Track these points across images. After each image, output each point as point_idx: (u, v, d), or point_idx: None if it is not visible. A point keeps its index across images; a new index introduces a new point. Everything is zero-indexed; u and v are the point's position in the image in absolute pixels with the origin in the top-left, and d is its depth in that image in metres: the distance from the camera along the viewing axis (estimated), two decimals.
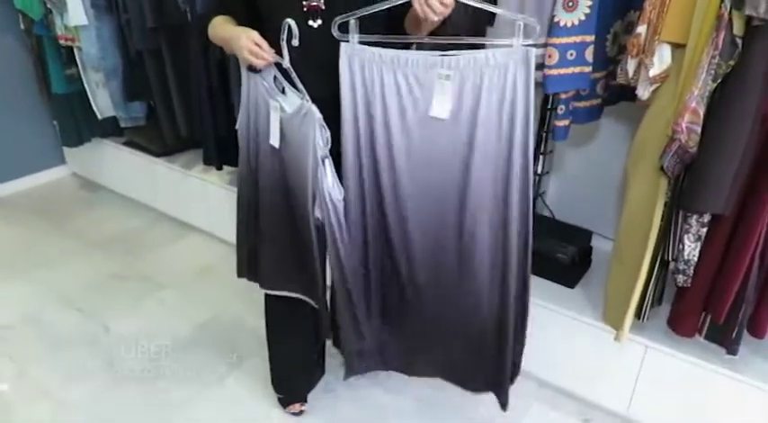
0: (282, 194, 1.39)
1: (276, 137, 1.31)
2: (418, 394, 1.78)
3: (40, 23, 2.51)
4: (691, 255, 1.36)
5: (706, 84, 1.18)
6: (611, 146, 1.89)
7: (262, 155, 1.40)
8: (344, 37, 1.18)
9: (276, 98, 1.30)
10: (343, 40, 1.18)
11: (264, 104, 1.33)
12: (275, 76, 1.30)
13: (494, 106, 1.16)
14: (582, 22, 1.36)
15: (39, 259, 2.48)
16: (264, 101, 1.32)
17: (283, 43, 1.17)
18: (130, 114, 2.61)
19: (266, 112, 1.32)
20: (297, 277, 1.47)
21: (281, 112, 1.28)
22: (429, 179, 1.25)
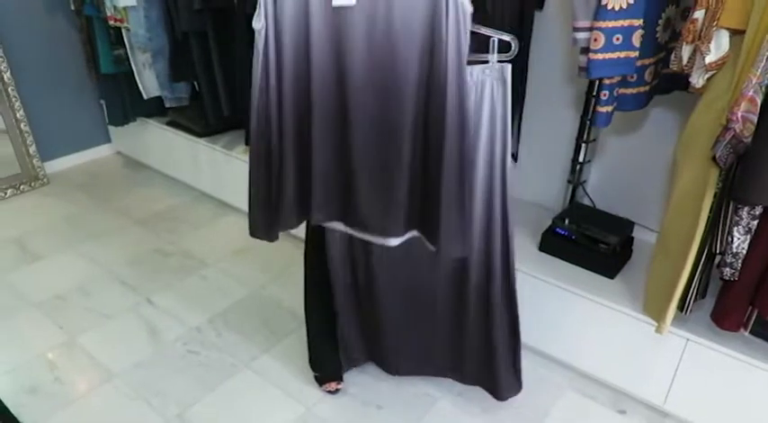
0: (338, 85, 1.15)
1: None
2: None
3: (89, 4, 2.57)
4: (740, 248, 1.33)
5: (765, 72, 1.14)
6: (657, 135, 1.85)
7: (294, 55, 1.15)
8: None
9: None
10: None
11: None
12: None
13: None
14: (630, 5, 1.32)
15: (86, 234, 2.57)
16: None
17: None
18: (175, 94, 2.66)
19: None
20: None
21: None
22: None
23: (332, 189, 1.23)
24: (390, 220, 1.22)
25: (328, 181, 1.22)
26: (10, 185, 2.89)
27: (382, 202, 1.21)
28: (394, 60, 1.09)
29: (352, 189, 1.21)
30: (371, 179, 1.19)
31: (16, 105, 2.81)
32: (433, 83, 1.09)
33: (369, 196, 1.21)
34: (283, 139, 1.20)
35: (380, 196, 1.21)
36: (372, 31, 1.07)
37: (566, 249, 1.83)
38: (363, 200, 1.21)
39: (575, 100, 1.97)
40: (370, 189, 1.20)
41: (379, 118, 1.13)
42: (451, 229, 1.19)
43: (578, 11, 1.37)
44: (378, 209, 1.22)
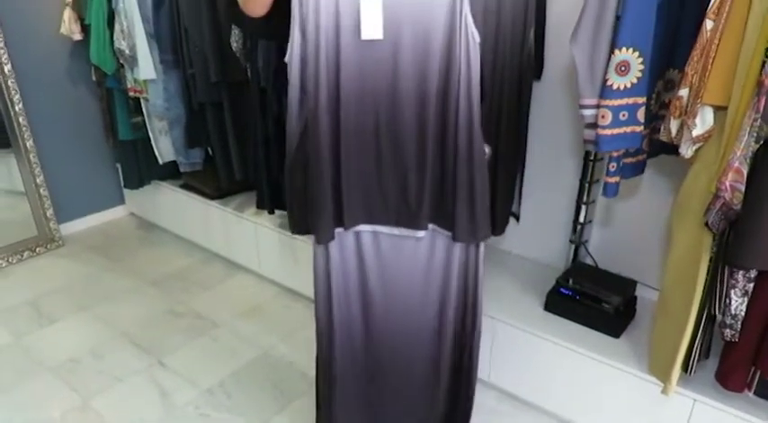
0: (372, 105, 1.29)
1: (377, 26, 1.20)
2: None
3: (111, 77, 2.72)
4: (738, 309, 1.38)
5: (749, 145, 1.22)
6: (654, 195, 1.93)
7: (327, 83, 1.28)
8: None
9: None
10: None
11: (338, 8, 1.20)
12: None
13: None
14: (634, 85, 1.41)
15: (100, 295, 2.63)
16: (343, 4, 1.20)
17: None
18: (190, 160, 2.77)
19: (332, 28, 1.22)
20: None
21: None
22: None
23: (366, 194, 1.38)
24: (420, 213, 1.38)
25: (362, 187, 1.37)
26: (26, 248, 2.97)
27: (411, 199, 1.37)
28: (419, 79, 1.26)
29: (385, 191, 1.37)
30: (402, 179, 1.35)
31: (36, 171, 2.93)
32: (449, 93, 1.26)
33: (400, 195, 1.37)
34: (320, 155, 1.31)
35: (409, 193, 1.36)
36: (398, 57, 1.24)
37: (570, 309, 1.87)
38: (394, 199, 1.38)
39: (573, 163, 2.06)
40: (400, 188, 1.36)
41: (409, 127, 1.30)
42: (464, 217, 1.35)
43: (584, 89, 1.46)
44: (407, 204, 1.38)
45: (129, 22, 2.48)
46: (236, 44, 2.21)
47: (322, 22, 1.21)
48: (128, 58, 2.55)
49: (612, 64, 1.37)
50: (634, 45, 1.36)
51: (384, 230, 1.43)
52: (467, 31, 1.22)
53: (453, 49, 1.22)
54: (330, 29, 1.22)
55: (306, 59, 1.25)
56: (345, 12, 1.20)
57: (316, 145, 1.30)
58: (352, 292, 1.51)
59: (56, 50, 2.93)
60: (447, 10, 1.20)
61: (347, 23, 1.21)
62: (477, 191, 1.33)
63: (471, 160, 1.30)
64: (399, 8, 1.20)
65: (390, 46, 1.23)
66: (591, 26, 1.39)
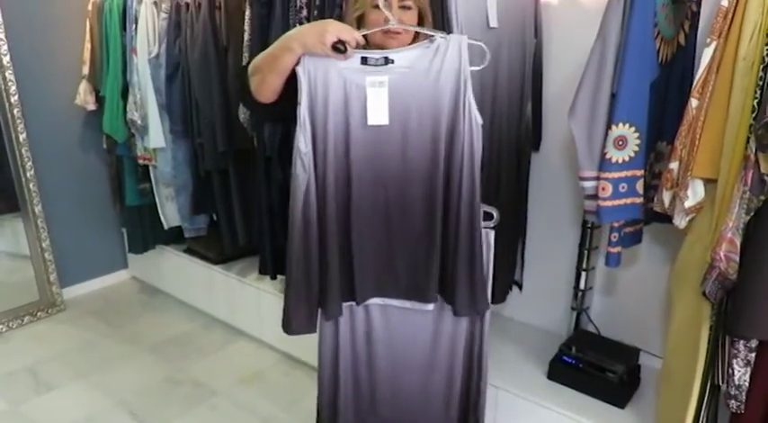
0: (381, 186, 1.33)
1: (382, 113, 1.26)
2: None
3: (122, 145, 2.82)
4: (741, 380, 1.37)
5: (740, 217, 1.26)
6: (653, 263, 1.95)
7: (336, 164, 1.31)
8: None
9: (369, 75, 1.24)
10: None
11: (346, 96, 1.26)
12: (363, 58, 1.25)
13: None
14: (632, 158, 1.47)
15: (99, 362, 2.60)
16: (350, 88, 1.25)
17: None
18: (194, 225, 2.82)
19: (341, 110, 1.27)
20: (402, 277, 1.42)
21: (388, 77, 1.25)
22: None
23: (377, 269, 1.39)
24: (429, 285, 1.39)
25: (373, 263, 1.38)
26: (27, 312, 2.97)
27: (420, 273, 1.38)
28: (425, 160, 1.30)
29: (395, 266, 1.39)
30: (411, 254, 1.37)
31: (43, 235, 2.97)
32: (452, 173, 1.31)
33: (409, 269, 1.39)
34: (327, 235, 1.33)
35: (419, 268, 1.38)
36: (406, 139, 1.29)
37: (574, 378, 1.85)
38: (404, 273, 1.39)
39: (573, 230, 2.10)
40: (410, 263, 1.38)
41: (417, 205, 1.34)
42: (464, 291, 1.37)
43: (583, 162, 1.52)
44: (416, 278, 1.39)
45: (143, 94, 2.60)
46: (243, 115, 2.31)
47: (330, 107, 1.26)
48: (139, 128, 2.65)
49: (610, 138, 1.43)
50: (630, 120, 1.43)
51: (394, 303, 1.45)
52: (470, 116, 1.27)
53: (457, 132, 1.28)
54: (339, 114, 1.27)
55: (316, 144, 1.29)
56: (353, 97, 1.26)
57: (327, 225, 1.32)
58: (360, 361, 1.51)
59: (69, 120, 3.04)
60: (451, 96, 1.26)
61: (355, 108, 1.27)
62: (477, 266, 1.36)
63: (472, 237, 1.33)
64: (406, 94, 1.26)
65: (399, 129, 1.28)
66: (588, 102, 1.46)
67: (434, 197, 1.32)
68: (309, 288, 1.37)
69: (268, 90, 1.29)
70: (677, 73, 1.62)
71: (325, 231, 1.33)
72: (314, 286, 1.37)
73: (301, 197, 1.30)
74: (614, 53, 1.42)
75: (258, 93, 1.30)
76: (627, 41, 1.40)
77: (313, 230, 1.32)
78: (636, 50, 1.40)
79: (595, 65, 1.45)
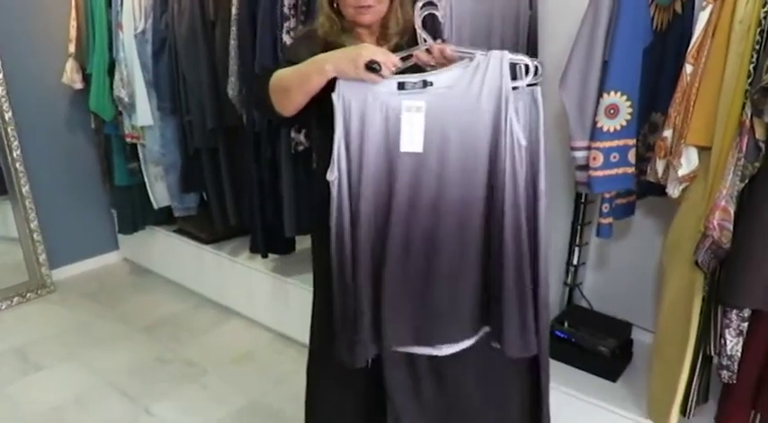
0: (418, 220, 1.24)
1: (417, 139, 1.19)
2: None
3: (110, 123, 2.77)
4: (733, 350, 1.36)
5: (734, 184, 1.24)
6: (645, 238, 1.93)
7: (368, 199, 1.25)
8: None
9: (405, 99, 1.19)
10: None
11: (386, 123, 1.20)
12: (399, 83, 1.19)
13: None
14: (623, 127, 1.45)
15: (89, 342, 2.58)
16: (389, 114, 1.20)
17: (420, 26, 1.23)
18: (184, 205, 2.78)
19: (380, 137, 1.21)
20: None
21: (426, 101, 1.18)
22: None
23: (406, 310, 1.28)
24: (462, 326, 1.29)
25: (406, 303, 1.27)
26: (17, 293, 2.94)
27: (456, 317, 1.28)
28: (465, 186, 1.22)
29: (426, 304, 1.27)
30: (449, 288, 1.26)
31: (31, 216, 2.93)
32: (495, 197, 1.22)
33: (443, 307, 1.27)
34: (359, 274, 1.25)
35: (456, 302, 1.27)
36: (443, 167, 1.21)
37: (566, 352, 1.84)
38: (437, 311, 1.27)
39: (566, 205, 2.08)
40: (447, 298, 1.27)
41: (453, 236, 1.24)
42: (513, 327, 1.25)
43: (575, 132, 1.50)
44: (452, 323, 1.28)
45: (129, 71, 2.55)
46: (232, 92, 2.26)
47: (368, 134, 1.20)
48: (126, 106, 2.60)
49: (601, 107, 1.41)
50: (622, 88, 1.40)
51: (427, 352, 1.33)
52: (512, 137, 1.19)
53: (498, 155, 1.19)
54: (378, 141, 1.21)
55: (351, 174, 1.23)
56: (391, 123, 1.19)
57: (359, 260, 1.24)
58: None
59: (56, 99, 2.99)
60: (492, 116, 1.18)
61: (393, 135, 1.20)
62: (526, 301, 1.25)
63: (519, 269, 1.23)
64: (446, 116, 1.19)
65: (436, 154, 1.20)
66: (579, 71, 1.44)
67: (473, 227, 1.23)
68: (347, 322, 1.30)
69: (292, 106, 1.27)
70: (674, 41, 1.59)
71: (357, 268, 1.25)
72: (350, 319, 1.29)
73: (334, 229, 1.24)
74: (606, 19, 1.39)
75: (280, 106, 1.28)
76: (620, 7, 1.37)
77: (347, 265, 1.25)
78: (629, 16, 1.37)
79: (587, 32, 1.42)
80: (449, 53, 1.22)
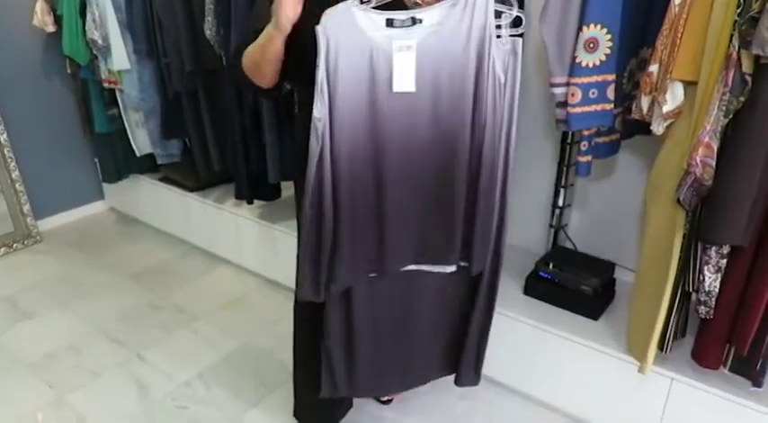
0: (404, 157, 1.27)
1: (409, 79, 1.19)
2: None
3: (85, 68, 2.68)
4: (711, 286, 1.38)
5: (718, 119, 1.22)
6: (631, 177, 1.92)
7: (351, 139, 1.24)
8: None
9: (396, 39, 1.17)
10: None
11: (372, 62, 1.18)
12: (388, 20, 1.17)
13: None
14: (603, 62, 1.41)
15: (78, 291, 2.59)
16: (377, 53, 1.17)
17: None
18: (167, 152, 2.74)
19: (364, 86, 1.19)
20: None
21: (417, 40, 1.17)
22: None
23: (407, 236, 1.36)
24: (451, 249, 1.38)
25: (405, 231, 1.35)
26: (3, 244, 2.92)
27: (446, 236, 1.37)
28: (455, 124, 1.25)
29: (424, 231, 1.36)
30: (439, 219, 1.35)
31: (11, 166, 2.88)
32: (476, 132, 1.26)
33: (435, 233, 1.36)
34: (341, 207, 1.28)
35: (444, 232, 1.36)
36: (437, 104, 1.23)
37: (550, 292, 1.86)
38: (431, 237, 1.37)
39: (552, 147, 2.05)
40: (438, 227, 1.36)
41: (443, 171, 1.29)
42: (481, 249, 1.38)
43: (554, 68, 1.46)
44: (442, 242, 1.38)
45: (102, 12, 2.44)
46: (209, 32, 2.18)
47: (353, 73, 1.18)
48: (101, 49, 2.51)
49: (581, 41, 1.36)
50: (602, 22, 1.35)
51: (423, 268, 1.43)
52: (493, 74, 1.21)
53: (480, 92, 1.21)
54: (363, 80, 1.19)
55: (333, 112, 1.20)
56: (380, 63, 1.18)
57: (340, 198, 1.26)
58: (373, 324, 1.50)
59: (29, 43, 2.88)
60: (476, 54, 1.19)
61: (382, 75, 1.19)
62: (493, 224, 1.36)
63: (490, 198, 1.31)
64: (437, 55, 1.18)
65: (429, 93, 1.21)
66: (559, 3, 1.38)
67: (461, 162, 1.27)
68: (319, 262, 1.34)
69: (268, 76, 1.28)
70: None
71: (338, 206, 1.27)
72: (324, 260, 1.33)
73: (313, 167, 1.23)
74: None
75: (260, 81, 1.30)
76: None
77: (326, 203, 1.26)
78: None
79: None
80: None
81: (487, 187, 1.30)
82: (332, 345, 1.49)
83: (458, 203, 1.32)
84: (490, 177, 1.29)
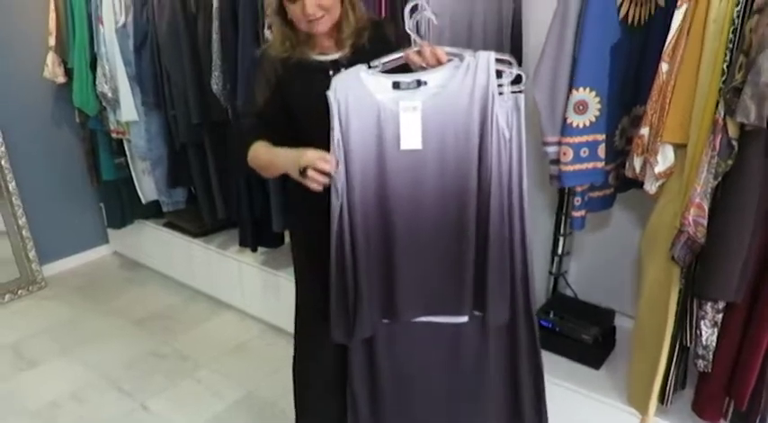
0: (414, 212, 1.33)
1: (416, 137, 1.25)
2: None
3: (94, 119, 2.76)
4: (708, 340, 1.40)
5: (708, 181, 1.27)
6: (629, 227, 1.96)
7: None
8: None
9: (402, 100, 1.24)
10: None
11: (380, 122, 1.25)
12: (395, 82, 1.25)
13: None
14: (593, 123, 1.47)
15: (83, 337, 2.61)
16: (385, 114, 1.24)
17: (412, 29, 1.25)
18: (173, 199, 2.79)
19: (374, 146, 1.27)
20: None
21: (422, 100, 1.24)
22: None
23: (417, 288, 1.39)
24: (461, 299, 1.39)
25: (414, 283, 1.38)
26: (8, 290, 2.95)
27: (454, 287, 1.38)
28: (462, 180, 1.30)
29: (432, 282, 1.39)
30: (448, 271, 1.37)
31: (18, 213, 2.93)
32: (482, 187, 1.31)
33: (444, 284, 1.39)
34: (359, 256, 1.33)
35: (452, 282, 1.38)
36: (443, 162, 1.28)
37: (551, 341, 1.88)
38: (440, 288, 1.39)
39: (549, 198, 2.10)
40: (447, 279, 1.38)
41: (449, 223, 1.33)
42: (497, 298, 1.37)
43: (546, 128, 1.52)
44: (451, 293, 1.39)
45: (112, 66, 2.53)
46: (216, 86, 2.25)
47: (363, 133, 1.25)
48: (110, 101, 2.59)
49: (571, 103, 1.43)
50: (591, 85, 1.42)
51: (434, 320, 1.44)
52: (497, 131, 1.25)
53: (485, 149, 1.26)
54: (372, 139, 1.26)
55: (349, 169, 1.27)
56: (388, 122, 1.24)
57: (358, 250, 1.32)
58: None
59: (39, 94, 2.96)
60: (480, 112, 1.24)
61: (390, 133, 1.25)
62: (506, 275, 1.36)
63: (501, 248, 1.33)
64: (442, 115, 1.24)
65: (435, 151, 1.27)
66: (550, 67, 1.45)
67: (469, 214, 1.31)
68: (346, 306, 1.38)
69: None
70: (656, 35, 1.58)
71: (356, 256, 1.32)
72: (350, 303, 1.37)
73: (336, 221, 1.30)
74: (575, 17, 1.40)
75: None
76: (586, 5, 1.38)
77: (347, 254, 1.32)
78: (595, 14, 1.37)
79: (557, 29, 1.43)
80: (440, 54, 1.25)
81: (498, 238, 1.32)
82: (357, 388, 1.50)
83: (465, 254, 1.34)
84: (500, 229, 1.32)
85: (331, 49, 1.41)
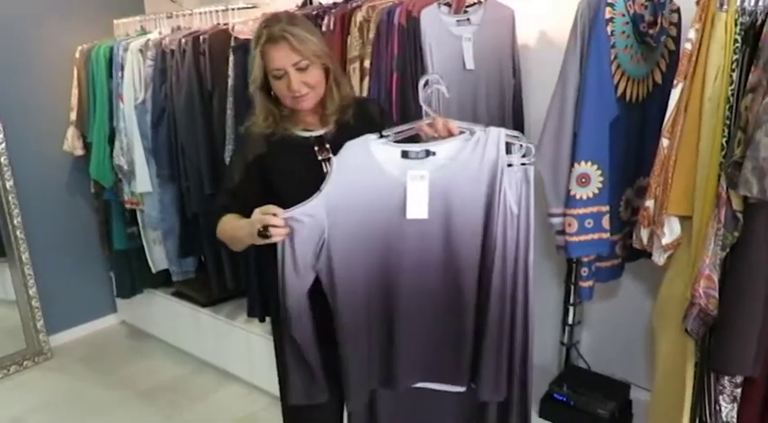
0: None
1: (422, 207, 1.24)
2: None
3: (109, 190, 2.83)
4: (729, 416, 1.36)
5: (716, 253, 1.27)
6: (638, 295, 1.95)
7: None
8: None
9: (410, 169, 1.24)
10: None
11: (387, 190, 1.25)
12: (403, 151, 1.25)
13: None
14: (596, 194, 1.50)
15: (87, 410, 2.56)
16: (392, 182, 1.24)
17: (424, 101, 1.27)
18: (183, 269, 2.81)
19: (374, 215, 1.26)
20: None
21: (429, 170, 1.24)
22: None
23: (416, 354, 1.37)
24: (459, 369, 1.39)
25: (413, 349, 1.37)
26: (14, 362, 2.92)
27: (453, 356, 1.38)
28: (466, 251, 1.30)
29: (432, 351, 1.38)
30: (447, 340, 1.37)
31: (29, 283, 2.95)
32: (486, 261, 1.30)
33: (443, 352, 1.38)
34: (345, 328, 1.32)
35: (451, 351, 1.37)
36: (448, 233, 1.29)
37: (565, 416, 1.83)
38: (439, 356, 1.38)
39: (557, 267, 2.10)
40: (445, 348, 1.37)
41: (451, 293, 1.33)
42: (491, 374, 1.35)
43: (550, 199, 1.55)
44: (450, 361, 1.39)
45: (129, 140, 2.62)
46: (229, 159, 2.32)
47: (367, 201, 1.25)
48: (126, 173, 2.66)
49: (573, 176, 1.46)
50: (592, 158, 1.46)
51: (430, 386, 1.43)
52: (505, 206, 1.25)
53: (491, 222, 1.27)
54: (378, 206, 1.26)
55: (354, 242, 1.27)
56: (395, 191, 1.24)
57: (343, 317, 1.30)
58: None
59: (57, 165, 3.06)
60: (488, 186, 1.25)
61: (396, 202, 1.25)
62: (503, 354, 1.34)
63: (500, 328, 1.32)
64: (449, 186, 1.26)
65: (440, 221, 1.27)
66: (552, 142, 1.50)
67: (469, 284, 1.31)
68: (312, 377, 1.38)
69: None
70: (655, 110, 1.64)
71: (342, 325, 1.31)
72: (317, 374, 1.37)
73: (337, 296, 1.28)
74: (574, 95, 1.47)
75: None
76: (584, 84, 1.44)
77: (347, 324, 1.31)
78: (593, 92, 1.44)
79: (557, 106, 1.50)
80: (452, 127, 1.27)
81: (499, 314, 1.31)
82: None
83: (465, 325, 1.33)
84: (501, 304, 1.31)
85: (315, 125, 1.42)
